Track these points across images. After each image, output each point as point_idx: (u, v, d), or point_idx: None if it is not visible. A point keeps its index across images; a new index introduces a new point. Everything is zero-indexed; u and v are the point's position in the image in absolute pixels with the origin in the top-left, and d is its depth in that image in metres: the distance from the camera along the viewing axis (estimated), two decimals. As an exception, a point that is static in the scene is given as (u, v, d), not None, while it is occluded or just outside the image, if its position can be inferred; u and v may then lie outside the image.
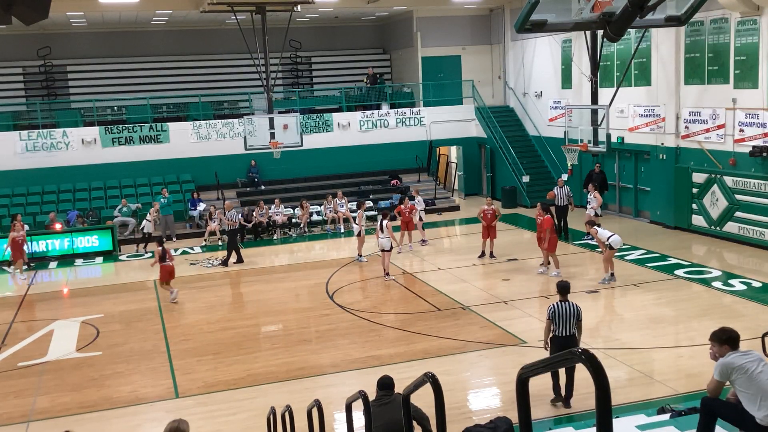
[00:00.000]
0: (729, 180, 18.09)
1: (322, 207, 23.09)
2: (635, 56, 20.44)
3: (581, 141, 20.62)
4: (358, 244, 18.43)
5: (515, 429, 7.79)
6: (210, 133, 24.83)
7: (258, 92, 25.09)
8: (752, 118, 17.31)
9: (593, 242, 17.50)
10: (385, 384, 7.09)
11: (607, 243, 14.88)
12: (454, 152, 29.32)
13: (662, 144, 20.22)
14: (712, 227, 18.76)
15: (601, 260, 15.62)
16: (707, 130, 18.74)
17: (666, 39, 19.69)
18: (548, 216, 15.79)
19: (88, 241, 20.96)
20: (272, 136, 21.75)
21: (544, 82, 25.79)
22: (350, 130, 26.15)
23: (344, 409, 6.89)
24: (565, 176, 21.93)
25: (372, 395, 6.53)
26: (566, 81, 24.44)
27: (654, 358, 11.15)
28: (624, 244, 16.25)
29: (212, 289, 17.07)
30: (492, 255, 17.78)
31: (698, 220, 19.26)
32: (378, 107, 27.51)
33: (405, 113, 26.79)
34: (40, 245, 20.62)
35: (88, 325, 14.27)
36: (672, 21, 17.67)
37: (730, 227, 18.22)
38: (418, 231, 19.96)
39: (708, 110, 18.64)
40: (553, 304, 9.48)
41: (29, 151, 23.35)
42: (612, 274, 15.18)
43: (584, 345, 11.35)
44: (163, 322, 14.24)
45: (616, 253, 15.65)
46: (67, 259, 20.65)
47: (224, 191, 24.30)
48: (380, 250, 16.89)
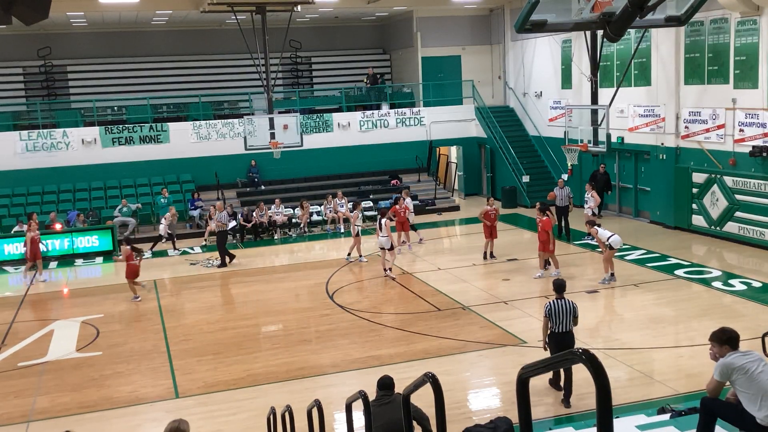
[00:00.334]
0: (729, 180, 18.10)
1: (322, 207, 23.10)
2: (635, 56, 20.44)
3: (581, 141, 20.63)
4: (352, 244, 18.49)
5: (515, 429, 7.79)
6: (210, 133, 24.83)
7: (258, 92, 25.09)
8: (752, 118, 17.31)
9: (593, 242, 17.50)
10: (385, 384, 7.10)
11: (607, 243, 14.88)
12: (454, 152, 29.32)
13: (662, 144, 20.22)
14: (712, 227, 18.76)
15: (601, 260, 15.62)
16: (707, 130, 18.75)
17: (666, 39, 19.69)
18: (547, 218, 15.79)
19: (88, 241, 20.96)
20: (272, 136, 21.75)
21: (544, 82, 25.79)
22: (350, 130, 26.16)
23: (344, 409, 6.89)
24: (565, 176, 21.94)
25: (372, 395, 6.53)
26: (566, 81, 24.44)
27: (654, 358, 11.15)
28: (624, 244, 16.26)
29: (212, 289, 17.09)
30: (492, 255, 17.80)
31: (698, 220, 19.26)
32: (378, 107, 27.51)
33: (405, 113, 26.79)
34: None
35: (88, 325, 14.27)
36: (672, 21, 17.68)
37: (730, 227, 18.22)
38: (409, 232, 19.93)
39: (708, 110, 18.64)
40: (550, 302, 9.69)
41: (29, 151, 23.35)
42: (612, 274, 15.18)
43: (584, 345, 11.36)
44: (163, 322, 14.24)
45: (616, 253, 15.65)
46: (67, 259, 20.67)
47: (224, 191, 24.30)
48: (380, 249, 17.15)
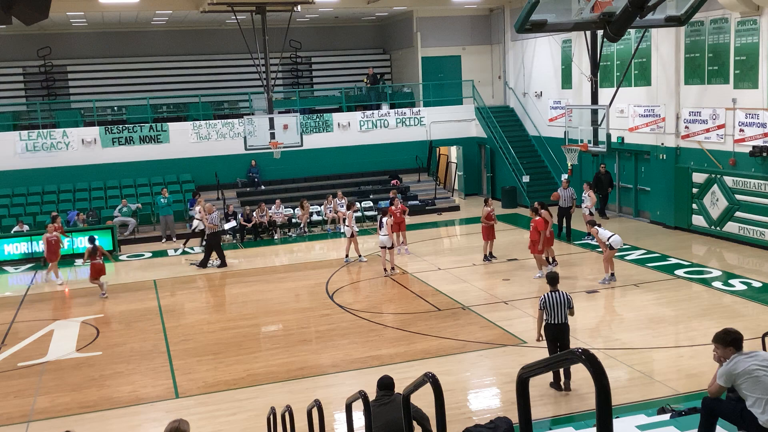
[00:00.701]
0: (729, 180, 18.09)
1: (322, 207, 23.10)
2: (635, 56, 20.44)
3: (581, 141, 20.63)
4: (347, 245, 18.47)
5: (515, 429, 7.79)
6: (210, 133, 24.83)
7: (258, 92, 25.09)
8: (752, 118, 17.31)
9: (593, 242, 17.51)
10: (385, 384, 7.10)
11: (607, 243, 14.87)
12: (454, 152, 29.32)
13: (662, 144, 20.22)
14: (712, 227, 18.76)
15: (602, 260, 15.62)
16: (707, 130, 18.74)
17: (666, 39, 19.69)
18: (539, 218, 15.79)
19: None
20: (272, 136, 21.74)
21: (544, 82, 25.79)
22: (350, 130, 26.16)
23: (344, 409, 6.89)
24: (565, 176, 21.93)
25: (372, 395, 6.53)
26: (566, 81, 24.44)
27: (654, 358, 11.15)
28: (624, 244, 16.25)
29: (212, 289, 17.10)
30: (492, 255, 17.79)
31: (698, 220, 19.26)
32: (378, 107, 27.51)
33: (405, 113, 26.79)
34: (41, 245, 20.57)
35: (88, 325, 14.28)
36: (672, 21, 17.68)
37: (730, 227, 18.22)
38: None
39: (708, 110, 18.64)
40: (544, 295, 10.00)
41: (29, 151, 23.36)
42: (612, 274, 15.18)
43: (584, 345, 11.36)
44: (163, 322, 14.24)
45: (616, 253, 15.64)
46: (67, 259, 20.64)
47: (224, 191, 24.31)
48: (380, 248, 17.28)
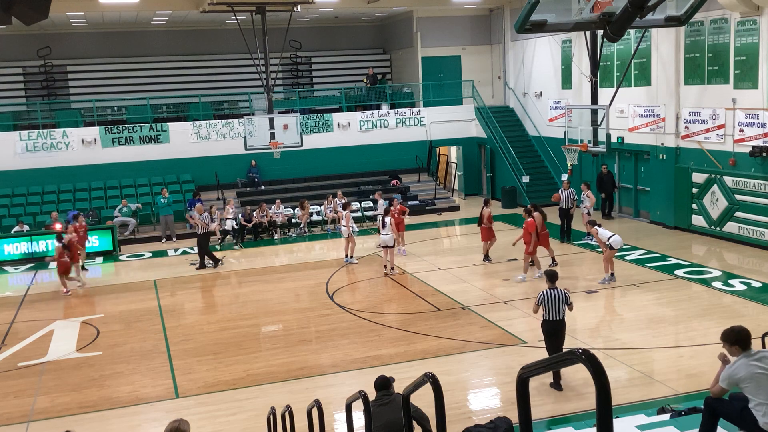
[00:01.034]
0: (729, 180, 18.10)
1: (322, 207, 23.10)
2: (635, 56, 20.44)
3: (581, 141, 20.62)
4: (345, 245, 18.48)
5: (515, 429, 7.79)
6: (210, 133, 24.83)
7: (258, 92, 25.09)
8: (752, 118, 17.31)
9: (593, 242, 17.51)
10: (382, 384, 7.10)
11: (607, 243, 14.88)
12: (454, 152, 29.32)
13: (662, 144, 20.22)
14: (712, 227, 18.76)
15: (602, 260, 15.62)
16: (707, 130, 18.74)
17: (666, 39, 19.69)
18: (531, 219, 15.78)
19: (89, 241, 20.93)
20: (272, 136, 21.74)
21: (544, 82, 25.79)
22: (350, 130, 26.16)
23: (344, 409, 6.89)
24: (565, 176, 21.93)
25: (372, 396, 6.53)
26: (566, 81, 24.44)
27: (654, 358, 11.15)
28: (624, 244, 16.25)
29: (212, 289, 17.11)
30: (488, 257, 17.73)
31: (698, 220, 19.26)
32: (378, 107, 27.51)
33: (405, 113, 26.79)
34: (40, 245, 20.63)
35: (88, 325, 14.28)
36: (672, 21, 17.67)
37: (730, 227, 18.22)
38: (377, 235, 19.83)
39: (708, 110, 18.64)
40: (543, 291, 10.12)
41: (29, 151, 23.36)
42: (612, 274, 15.18)
43: (584, 345, 11.36)
44: (163, 322, 14.24)
45: (616, 253, 15.64)
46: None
47: (224, 191, 24.32)
48: (382, 247, 17.34)
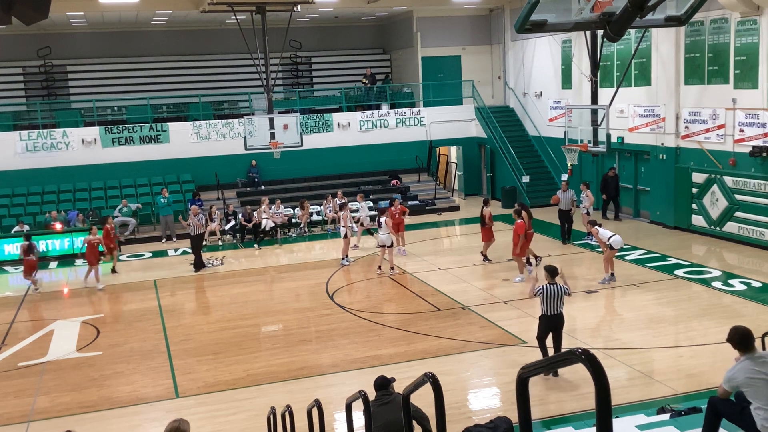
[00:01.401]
0: (729, 180, 18.09)
1: (322, 207, 23.09)
2: (635, 56, 20.43)
3: (581, 141, 20.62)
4: (344, 246, 18.50)
5: (515, 429, 7.79)
6: (210, 133, 24.83)
7: (258, 92, 25.08)
8: (752, 118, 17.31)
9: (594, 242, 17.51)
10: (381, 384, 7.10)
11: (608, 243, 14.88)
12: (454, 152, 29.32)
13: (662, 144, 20.22)
14: (712, 227, 18.76)
15: (602, 260, 15.62)
16: (707, 130, 18.74)
17: (666, 39, 19.69)
18: (521, 221, 15.77)
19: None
20: (272, 136, 21.73)
21: (544, 82, 25.79)
22: (350, 130, 26.16)
23: (344, 409, 6.89)
24: (565, 176, 21.93)
25: (371, 396, 6.53)
26: (566, 81, 24.44)
27: (654, 358, 11.15)
28: (624, 245, 16.25)
29: (212, 289, 17.10)
30: (486, 258, 17.72)
31: (698, 220, 19.26)
32: (378, 107, 27.51)
33: (405, 113, 26.79)
34: (40, 245, 20.60)
35: (88, 325, 14.28)
36: (672, 21, 17.67)
37: (730, 227, 18.22)
38: (356, 237, 19.83)
39: (708, 110, 18.64)
40: (542, 286, 10.34)
41: (29, 151, 23.35)
42: (612, 274, 15.18)
43: (584, 345, 11.36)
44: (163, 322, 14.25)
45: (616, 253, 15.65)
46: (67, 259, 20.67)
47: (224, 191, 24.32)
48: (380, 246, 17.37)
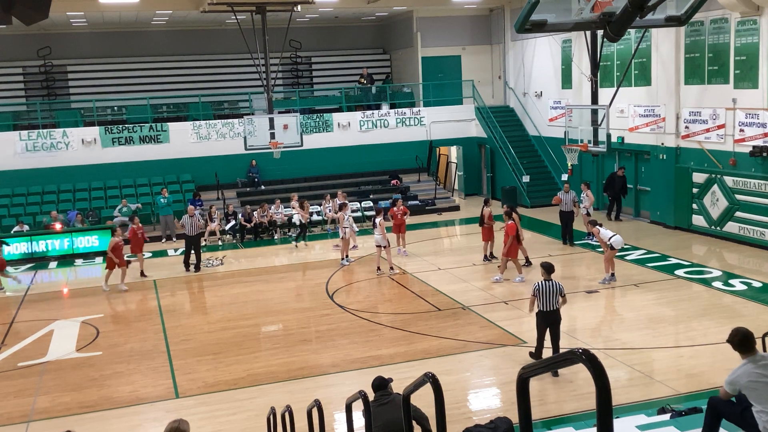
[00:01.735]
0: (729, 180, 18.09)
1: (322, 207, 23.08)
2: (635, 56, 20.43)
3: (581, 141, 20.62)
4: (343, 246, 18.47)
5: (515, 429, 7.79)
6: (210, 133, 24.83)
7: (258, 92, 25.08)
8: (752, 118, 17.31)
9: (594, 242, 17.52)
10: (379, 385, 7.10)
11: (608, 243, 14.88)
12: (454, 152, 29.32)
13: (662, 144, 20.22)
14: (713, 227, 18.76)
15: (602, 260, 15.62)
16: (707, 130, 18.74)
17: (666, 39, 19.69)
18: (511, 222, 15.77)
19: (88, 241, 20.96)
20: (272, 136, 21.73)
21: (544, 82, 25.78)
22: (350, 130, 26.16)
23: (344, 409, 6.89)
24: (565, 176, 21.92)
25: (371, 396, 6.53)
26: (566, 81, 24.44)
27: (654, 358, 11.15)
28: (625, 245, 16.25)
29: (212, 289, 17.10)
30: (492, 255, 17.77)
31: (698, 220, 19.26)
32: (378, 107, 27.51)
33: (405, 113, 26.79)
34: (40, 245, 20.64)
35: (88, 325, 14.27)
36: (672, 21, 17.67)
37: (731, 227, 18.22)
38: (351, 238, 19.70)
39: (708, 110, 18.64)
40: (538, 283, 10.55)
41: (29, 151, 23.35)
42: (612, 274, 15.18)
43: (584, 345, 11.36)
44: (163, 322, 14.24)
45: (617, 253, 15.65)
46: (67, 259, 20.67)
47: (224, 191, 24.32)
48: (375, 246, 17.41)
